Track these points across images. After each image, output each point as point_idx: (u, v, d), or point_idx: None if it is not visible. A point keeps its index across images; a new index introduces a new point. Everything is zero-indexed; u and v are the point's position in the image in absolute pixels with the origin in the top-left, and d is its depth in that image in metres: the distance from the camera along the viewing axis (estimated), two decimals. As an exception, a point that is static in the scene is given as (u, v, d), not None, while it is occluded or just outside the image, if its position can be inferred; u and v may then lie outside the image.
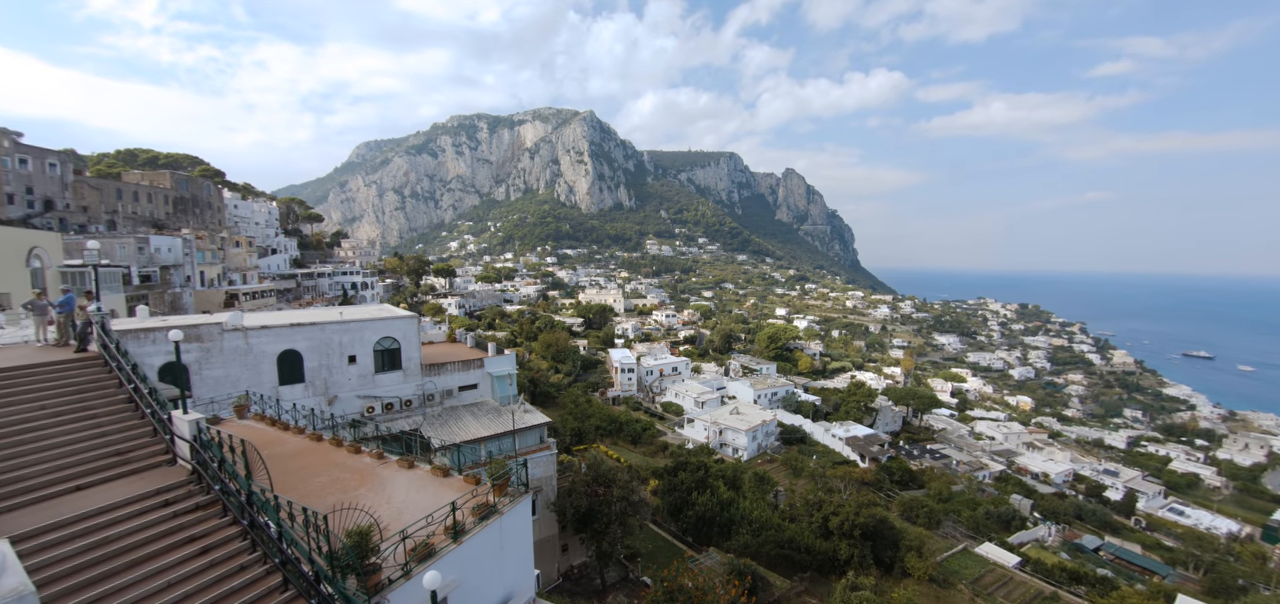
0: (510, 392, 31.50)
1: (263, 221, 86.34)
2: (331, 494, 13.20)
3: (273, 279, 70.94)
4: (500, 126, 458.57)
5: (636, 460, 58.50)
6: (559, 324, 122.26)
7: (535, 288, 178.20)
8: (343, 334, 24.76)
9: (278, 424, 18.52)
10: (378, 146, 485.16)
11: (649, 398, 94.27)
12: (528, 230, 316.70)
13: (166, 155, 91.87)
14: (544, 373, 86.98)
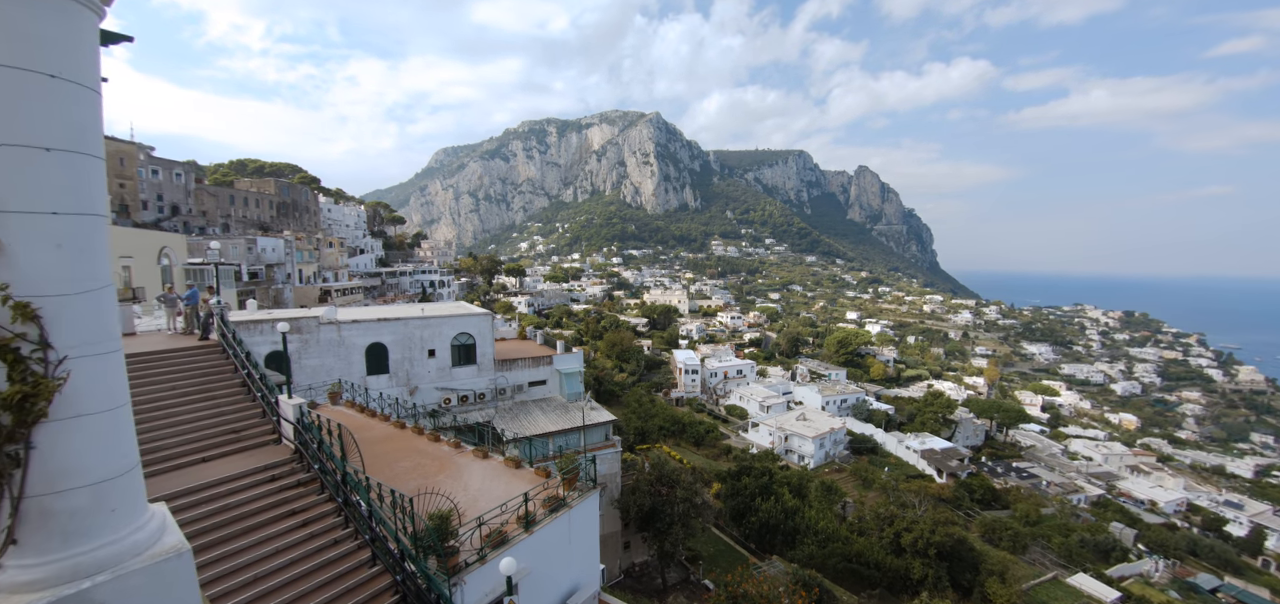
0: (577, 389, 32.21)
1: (352, 224, 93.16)
2: (414, 479, 14.04)
3: (361, 277, 76.40)
4: (568, 130, 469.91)
5: (699, 462, 58.17)
6: (624, 324, 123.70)
7: (601, 288, 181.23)
8: (424, 329, 26.29)
9: (366, 411, 19.92)
10: (454, 152, 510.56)
11: (712, 400, 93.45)
12: (594, 231, 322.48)
13: (271, 164, 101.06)
14: (609, 372, 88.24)
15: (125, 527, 2.70)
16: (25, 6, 2.31)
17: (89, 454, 2.57)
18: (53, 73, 2.37)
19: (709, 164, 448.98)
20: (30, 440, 2.39)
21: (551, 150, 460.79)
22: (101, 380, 2.58)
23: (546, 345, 35.92)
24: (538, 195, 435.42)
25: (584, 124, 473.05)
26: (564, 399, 31.75)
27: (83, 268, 2.52)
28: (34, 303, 2.33)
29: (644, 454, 51.62)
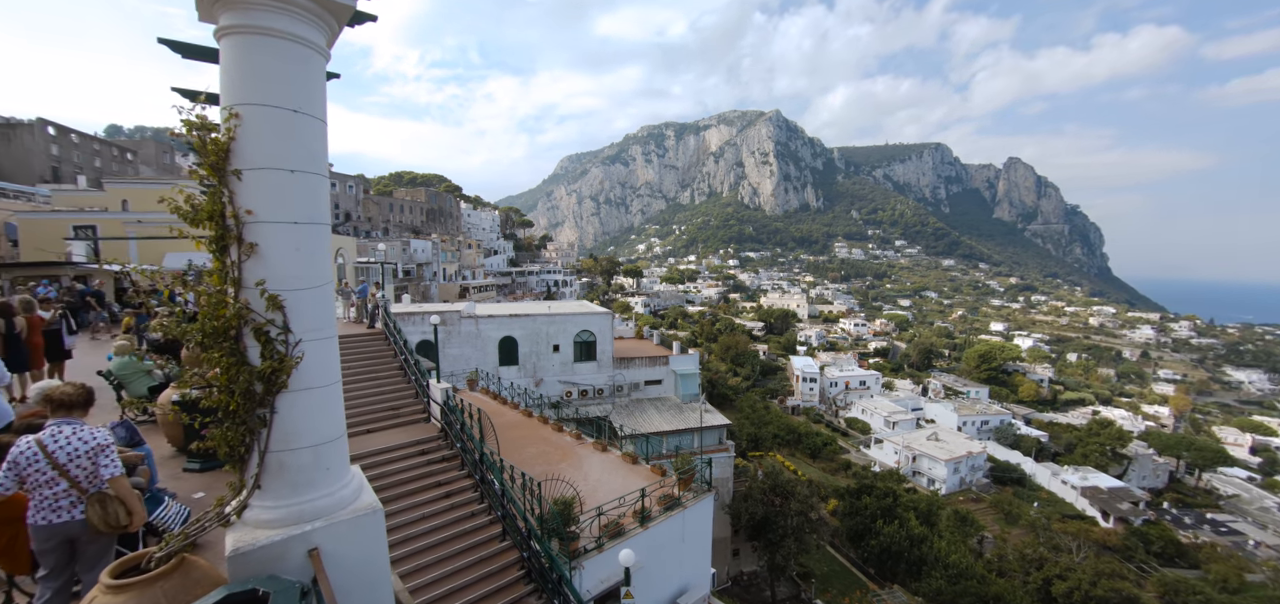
0: (693, 390, 32.33)
1: (487, 228, 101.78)
2: (539, 464, 14.99)
3: (494, 275, 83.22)
4: (686, 133, 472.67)
5: (815, 475, 55.50)
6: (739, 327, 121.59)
7: (716, 290, 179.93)
8: (550, 325, 28.03)
9: (498, 398, 21.64)
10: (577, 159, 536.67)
11: (832, 411, 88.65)
12: (711, 233, 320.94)
13: (422, 175, 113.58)
14: (722, 375, 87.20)
15: (335, 483, 3.27)
16: (278, 58, 2.92)
17: (312, 421, 3.15)
18: (295, 108, 2.96)
19: (833, 162, 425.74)
20: (274, 406, 2.99)
21: (669, 153, 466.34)
22: (322, 361, 3.14)
23: (662, 346, 36.48)
24: (655, 198, 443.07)
25: (701, 126, 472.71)
26: (679, 399, 32.02)
27: (313, 267, 3.10)
28: (280, 295, 2.92)
29: (757, 461, 50.41)
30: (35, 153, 49.76)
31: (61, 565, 3.62)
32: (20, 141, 49.75)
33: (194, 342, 2.94)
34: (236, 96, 2.94)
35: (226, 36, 2.96)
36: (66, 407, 3.66)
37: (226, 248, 2.87)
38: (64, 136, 53.50)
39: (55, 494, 3.48)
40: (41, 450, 3.45)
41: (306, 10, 2.99)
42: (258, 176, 2.93)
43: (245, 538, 2.96)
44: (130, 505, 3.56)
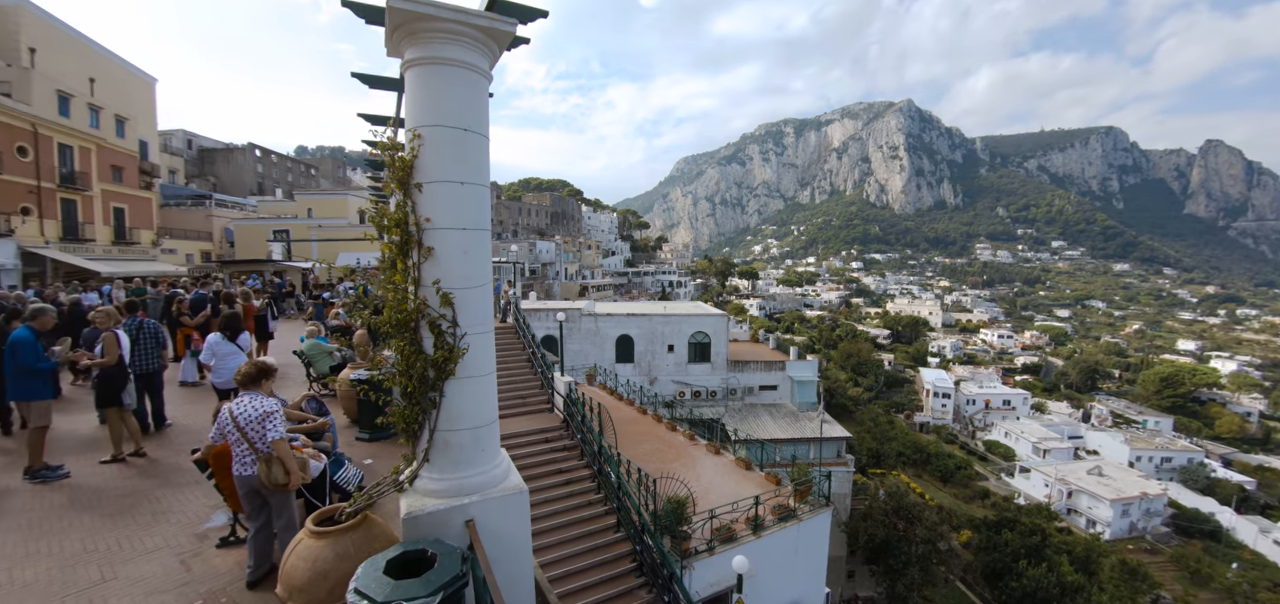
0: (810, 398, 31.03)
1: (606, 230, 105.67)
2: (653, 462, 15.26)
3: (611, 275, 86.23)
4: (806, 129, 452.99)
5: (945, 501, 50.45)
6: (862, 334, 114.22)
7: (837, 294, 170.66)
8: (665, 325, 28.45)
9: (614, 394, 22.36)
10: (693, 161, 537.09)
11: (968, 432, 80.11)
12: (832, 233, 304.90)
13: (547, 181, 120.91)
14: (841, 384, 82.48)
15: (489, 463, 3.67)
16: (452, 83, 3.36)
17: (472, 406, 3.56)
18: (465, 127, 3.37)
19: (974, 153, 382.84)
20: (443, 391, 3.42)
21: (788, 151, 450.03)
22: (482, 352, 3.54)
23: (778, 350, 35.41)
24: (773, 198, 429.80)
25: (823, 121, 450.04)
26: (794, 407, 30.90)
27: (476, 269, 3.50)
28: (451, 293, 3.34)
29: (878, 480, 47.01)
30: (246, 170, 60.55)
31: (257, 509, 4.45)
32: (236, 162, 60.85)
33: (382, 331, 3.47)
34: (418, 119, 3.42)
35: (411, 68, 3.46)
36: (247, 382, 4.47)
37: (408, 251, 3.36)
38: (266, 157, 64.52)
39: (242, 451, 4.28)
40: (230, 415, 4.28)
41: (476, 39, 3.39)
42: (434, 189, 3.39)
43: (416, 504, 3.43)
44: (288, 466, 4.23)
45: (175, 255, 36.56)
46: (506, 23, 3.39)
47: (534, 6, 3.46)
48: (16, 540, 5.19)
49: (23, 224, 25.85)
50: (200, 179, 56.65)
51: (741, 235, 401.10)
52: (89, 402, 8.32)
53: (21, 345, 6.45)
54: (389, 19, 3.24)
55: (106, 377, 6.90)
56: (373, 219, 3.40)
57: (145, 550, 5.07)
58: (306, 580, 3.11)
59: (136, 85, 41.14)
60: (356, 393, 7.94)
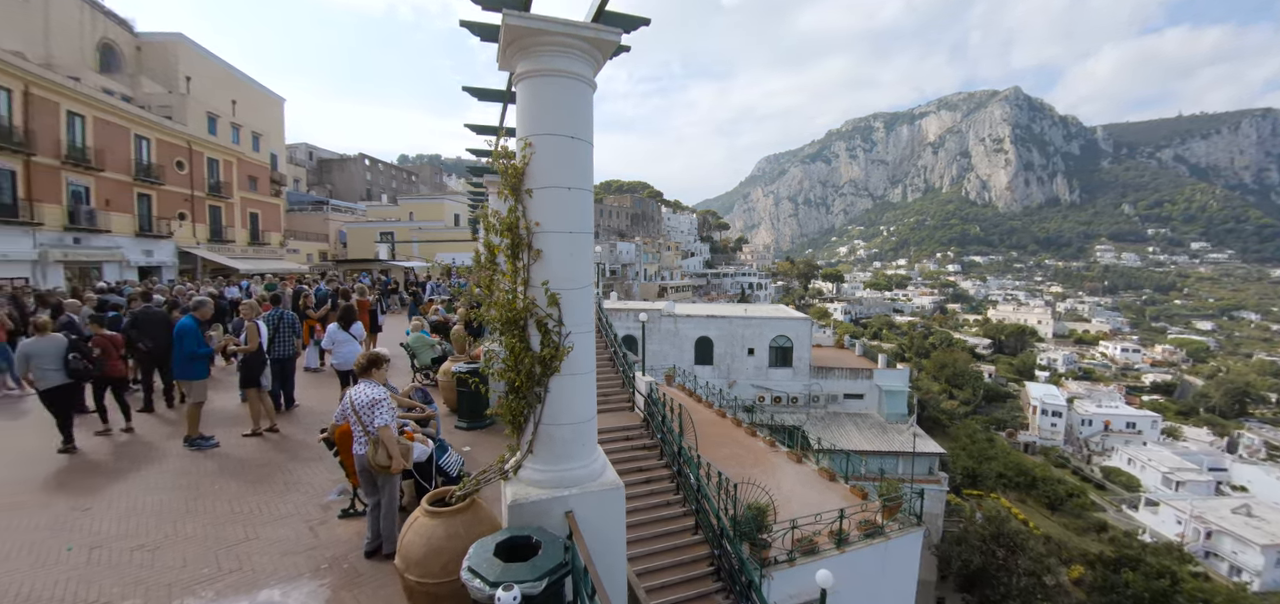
0: (900, 410, 29.37)
1: (685, 230, 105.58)
2: (732, 466, 15.06)
3: (690, 276, 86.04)
4: (898, 124, 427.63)
5: (1054, 531, 45.66)
6: (958, 342, 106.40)
7: (931, 298, 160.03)
8: (745, 328, 28.04)
9: (693, 395, 22.31)
10: (775, 159, 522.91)
11: (1083, 456, 72.24)
12: (926, 234, 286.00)
13: (627, 183, 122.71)
14: (934, 396, 77.28)
15: (588, 458, 3.83)
16: (561, 93, 3.56)
17: (573, 402, 3.73)
18: (573, 135, 3.54)
19: (1095, 143, 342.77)
20: (547, 387, 3.60)
21: (877, 147, 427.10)
22: (584, 352, 3.70)
23: (865, 358, 33.80)
24: (860, 196, 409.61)
25: (917, 114, 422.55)
26: (882, 418, 29.36)
27: (581, 270, 3.67)
28: (558, 293, 3.52)
29: (975, 501, 43.47)
30: (357, 178, 66.40)
31: (372, 486, 4.87)
32: (348, 170, 66.93)
33: (492, 327, 3.72)
34: (529, 128, 3.64)
35: (522, 80, 3.68)
36: (361, 371, 4.96)
37: (518, 252, 3.58)
38: (374, 166, 70.47)
39: (358, 433, 4.71)
40: (349, 400, 4.75)
41: (583, 51, 3.56)
42: (543, 194, 3.59)
43: (521, 492, 3.65)
44: (390, 451, 4.58)
45: (298, 255, 40.79)
46: (612, 33, 3.52)
47: (637, 16, 3.56)
48: (179, 499, 6.03)
49: (180, 227, 29.88)
50: (319, 187, 62.81)
51: (826, 236, 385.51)
52: (233, 382, 9.49)
53: (187, 333, 7.48)
54: (504, 35, 3.46)
55: (249, 361, 7.85)
56: (487, 223, 3.66)
57: (279, 516, 5.71)
58: (422, 555, 3.39)
59: (268, 105, 46.31)
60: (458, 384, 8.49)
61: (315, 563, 4.85)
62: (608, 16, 3.51)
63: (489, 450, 7.61)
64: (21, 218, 21.54)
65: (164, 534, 5.29)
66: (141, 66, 36.76)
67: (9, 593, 4.35)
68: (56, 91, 23.40)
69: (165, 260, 28.37)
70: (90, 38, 33.75)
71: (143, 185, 27.69)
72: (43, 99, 22.61)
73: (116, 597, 4.35)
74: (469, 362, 8.76)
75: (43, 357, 7.10)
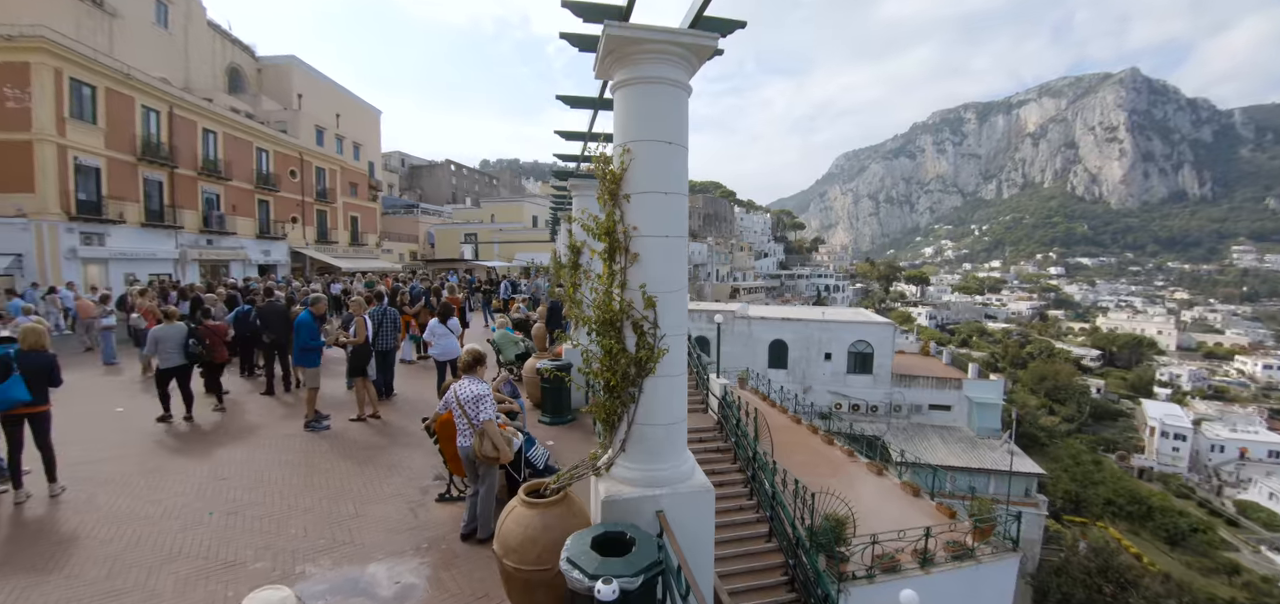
0: (993, 424, 27.36)
1: (759, 231, 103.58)
2: (807, 474, 14.60)
3: (763, 278, 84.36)
4: (992, 114, 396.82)
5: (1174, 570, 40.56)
6: (1061, 353, 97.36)
7: (1029, 304, 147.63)
8: (822, 332, 27.12)
9: (766, 399, 21.88)
10: (855, 156, 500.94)
11: (1212, 486, 63.89)
12: (1024, 233, 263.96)
13: (699, 183, 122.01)
14: (1032, 411, 71.15)
15: (678, 459, 3.89)
16: (659, 100, 3.65)
17: (667, 403, 3.81)
18: (670, 141, 3.62)
19: (1231, 129, 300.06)
20: (641, 387, 3.70)
21: (969, 140, 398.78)
22: (678, 354, 3.77)
23: (954, 366, 31.72)
24: (948, 193, 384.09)
25: (1014, 103, 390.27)
26: (972, 432, 27.45)
27: (676, 274, 3.75)
28: (655, 296, 3.60)
29: (1078, 529, 39.53)
30: (443, 183, 70.46)
31: (472, 475, 5.18)
32: (436, 176, 71.21)
33: (589, 329, 3.86)
34: (627, 135, 3.75)
35: (620, 88, 3.80)
36: (466, 367, 5.25)
37: (614, 255, 3.70)
38: (458, 171, 74.55)
39: (462, 425, 4.99)
40: (454, 394, 5.03)
41: (681, 57, 3.62)
42: (641, 199, 3.69)
43: (614, 489, 3.76)
44: (496, 443, 4.84)
45: (391, 254, 43.88)
46: (709, 38, 3.55)
47: (733, 19, 3.57)
48: (299, 475, 6.69)
49: (292, 229, 32.97)
50: (410, 191, 67.21)
51: (909, 236, 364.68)
52: (341, 370, 10.38)
53: (304, 325, 8.29)
54: (603, 46, 3.57)
55: (358, 353, 8.56)
56: (585, 226, 3.80)
57: (384, 496, 6.20)
58: (519, 543, 3.58)
59: (367, 116, 50.11)
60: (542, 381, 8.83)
61: (417, 542, 5.22)
62: (706, 22, 3.54)
63: (570, 445, 7.86)
64: (166, 222, 24.61)
65: (286, 506, 5.89)
66: (262, 86, 40.91)
67: (164, 549, 5.00)
68: (195, 111, 26.55)
69: (280, 259, 31.43)
70: (220, 62, 37.96)
71: (262, 192, 30.83)
72: (184, 119, 25.72)
73: (249, 558, 4.89)
74: (552, 359, 9.08)
75: (167, 341, 8.29)
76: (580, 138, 6.46)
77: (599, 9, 3.66)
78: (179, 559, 4.84)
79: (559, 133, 5.90)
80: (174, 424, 8.37)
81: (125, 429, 8.18)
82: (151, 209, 24.10)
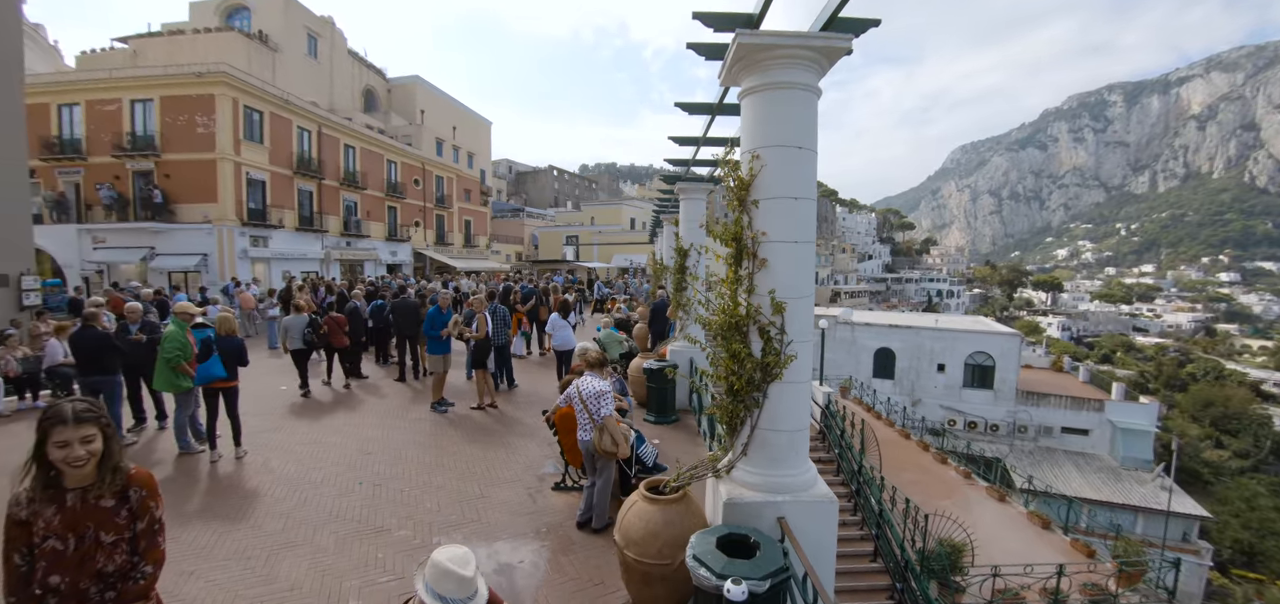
0: (1143, 454, 24.00)
1: (863, 231, 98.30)
2: (917, 493, 13.70)
3: (867, 281, 79.98)
4: (1144, 94, 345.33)
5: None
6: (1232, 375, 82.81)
7: (1191, 315, 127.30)
8: (936, 341, 25.19)
9: (871, 411, 20.76)
10: (974, 149, 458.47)
11: None
12: (1185, 232, 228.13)
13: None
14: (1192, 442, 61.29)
15: (800, 466, 3.86)
16: (789, 105, 3.66)
17: (792, 409, 3.80)
18: (800, 145, 3.61)
19: None
20: (766, 392, 3.72)
21: (1114, 125, 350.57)
22: (803, 362, 3.75)
23: (1093, 385, 28.18)
24: (1087, 187, 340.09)
25: (1173, 81, 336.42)
26: (1115, 462, 24.23)
27: (804, 280, 3.73)
28: (785, 302, 3.61)
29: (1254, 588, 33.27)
30: (546, 187, 74.04)
31: (590, 467, 5.43)
32: (539, 181, 75.02)
33: (713, 332, 3.93)
34: (756, 141, 3.77)
35: (748, 95, 3.83)
36: (589, 366, 5.53)
37: (741, 260, 3.74)
38: (560, 175, 78.06)
39: (583, 419, 5.24)
40: (577, 389, 5.30)
41: (812, 61, 3.59)
42: (770, 204, 3.70)
43: (735, 492, 3.81)
44: (615, 438, 5.04)
45: (499, 255, 46.84)
46: (843, 40, 3.48)
47: (867, 18, 3.47)
48: (430, 454, 7.38)
49: (415, 232, 36.20)
50: (516, 196, 71.33)
51: (1038, 236, 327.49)
52: (461, 362, 11.31)
53: (435, 319, 9.18)
54: (734, 53, 3.62)
55: (479, 346, 9.30)
56: (715, 234, 3.88)
57: (504, 480, 6.67)
58: (641, 536, 3.72)
59: (479, 127, 53.83)
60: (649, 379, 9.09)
61: (536, 526, 5.57)
62: (840, 23, 3.46)
63: (674, 444, 7.99)
64: (315, 227, 28.02)
65: (422, 482, 6.53)
66: (391, 104, 45.33)
67: (325, 511, 5.75)
68: (338, 130, 29.99)
69: (405, 259, 34.67)
70: (357, 85, 42.54)
71: (391, 199, 34.17)
72: (329, 136, 29.15)
73: (394, 526, 5.48)
74: (657, 360, 9.27)
75: (293, 329, 10.08)
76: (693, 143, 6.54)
77: (729, 18, 3.69)
78: (337, 521, 5.54)
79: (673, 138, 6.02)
80: (313, 396, 10.00)
81: (287, 405, 9.52)
82: (303, 215, 27.56)
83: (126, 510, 2.20)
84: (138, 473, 2.26)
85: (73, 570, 2.11)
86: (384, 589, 4.41)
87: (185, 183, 22.69)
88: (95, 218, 22.79)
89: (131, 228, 22.38)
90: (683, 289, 8.98)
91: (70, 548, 2.11)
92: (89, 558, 2.14)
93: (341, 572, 4.64)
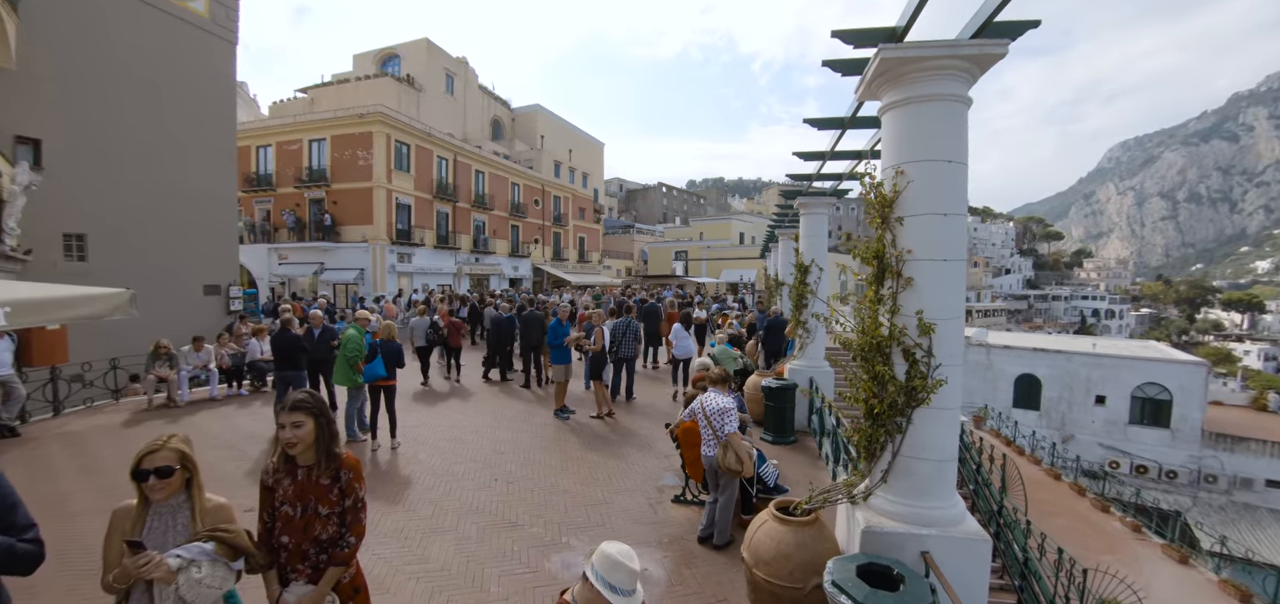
0: (1392, 518, 19.17)
1: (999, 243, 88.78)
2: (1069, 542, 11.95)
3: (1003, 299, 71.93)
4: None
5: None
6: None
7: None
8: (1093, 369, 22.01)
9: (1011, 444, 18.62)
10: (1138, 144, 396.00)
11: None
12: None
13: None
14: None
15: (947, 499, 3.63)
16: (935, 118, 3.52)
17: (938, 438, 3.59)
18: (949, 159, 3.45)
19: None
20: (910, 418, 3.56)
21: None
22: (953, 388, 3.53)
23: (1315, 429, 23.02)
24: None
25: None
26: (1351, 525, 19.52)
27: (954, 301, 3.54)
28: (933, 324, 3.45)
29: None
30: (655, 204, 75.66)
31: (714, 483, 5.47)
32: (649, 198, 76.91)
33: (854, 354, 3.84)
34: (900, 156, 3.65)
35: (891, 110, 3.72)
36: (713, 383, 5.62)
37: (883, 279, 3.62)
38: (669, 192, 79.50)
39: (707, 435, 5.29)
40: (701, 406, 5.37)
41: (964, 71, 3.40)
42: (916, 221, 3.55)
43: (874, 521, 3.65)
44: (740, 455, 5.01)
45: (611, 270, 48.52)
46: (997, 46, 3.25)
47: (1025, 20, 3.22)
48: (556, 458, 7.83)
49: (534, 249, 38.67)
50: (626, 213, 73.64)
51: (1229, 245, 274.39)
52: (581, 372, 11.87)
53: (556, 330, 9.80)
54: (876, 69, 3.53)
55: (596, 358, 9.74)
56: (854, 251, 3.78)
57: (625, 488, 6.89)
58: (771, 556, 3.69)
59: (592, 149, 56.40)
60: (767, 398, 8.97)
61: (658, 537, 5.70)
62: (995, 27, 3.24)
63: (794, 466, 7.78)
64: (450, 245, 30.97)
65: (549, 483, 6.95)
66: (515, 132, 49.02)
67: (466, 503, 6.33)
68: (470, 157, 33.02)
69: (525, 274, 37.16)
70: (486, 116, 46.51)
71: (514, 219, 36.87)
72: (463, 163, 32.16)
73: (527, 522, 5.89)
74: (775, 378, 9.10)
75: (418, 329, 12.25)
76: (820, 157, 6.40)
77: (871, 34, 3.62)
78: (477, 513, 6.08)
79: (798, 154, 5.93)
80: (434, 388, 11.76)
81: (431, 404, 10.59)
82: (441, 235, 30.60)
83: (338, 488, 2.63)
84: (348, 458, 2.69)
85: (298, 533, 2.56)
86: (520, 580, 4.77)
87: (348, 208, 26.26)
88: (280, 238, 27.11)
89: (307, 247, 26.31)
90: (804, 306, 8.72)
91: (298, 514, 2.57)
92: (310, 524, 2.58)
93: (483, 559, 5.09)
